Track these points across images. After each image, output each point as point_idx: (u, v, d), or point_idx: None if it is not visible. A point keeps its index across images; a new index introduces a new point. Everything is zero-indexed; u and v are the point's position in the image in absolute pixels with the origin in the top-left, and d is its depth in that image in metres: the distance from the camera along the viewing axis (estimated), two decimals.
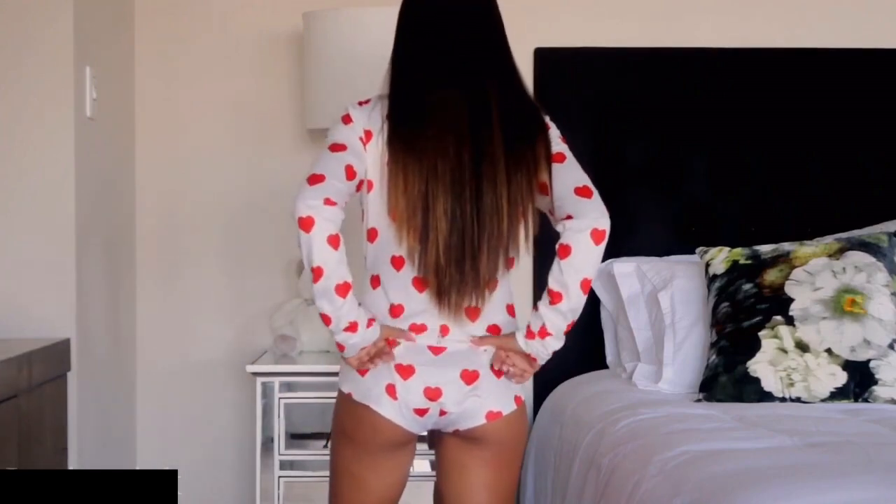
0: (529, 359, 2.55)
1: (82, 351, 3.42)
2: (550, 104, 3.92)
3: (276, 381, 3.60)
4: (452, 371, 2.52)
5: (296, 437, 3.65)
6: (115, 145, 3.83)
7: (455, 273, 2.46)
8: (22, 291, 3.34)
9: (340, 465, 2.63)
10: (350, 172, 2.47)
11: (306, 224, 2.37)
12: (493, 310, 2.54)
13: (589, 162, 3.94)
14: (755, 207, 3.99)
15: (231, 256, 4.04)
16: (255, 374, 3.61)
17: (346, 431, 2.59)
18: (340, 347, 2.50)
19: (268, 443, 3.61)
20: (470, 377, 2.53)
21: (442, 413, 2.53)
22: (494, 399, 2.55)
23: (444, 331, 2.52)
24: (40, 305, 3.34)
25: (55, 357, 3.22)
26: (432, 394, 2.51)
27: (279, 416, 3.60)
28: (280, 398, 3.60)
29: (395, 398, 2.51)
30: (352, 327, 2.47)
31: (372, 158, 2.51)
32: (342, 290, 2.43)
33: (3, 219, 3.34)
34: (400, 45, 2.58)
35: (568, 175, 2.52)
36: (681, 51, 4.01)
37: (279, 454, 3.60)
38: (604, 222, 2.46)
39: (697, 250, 3.68)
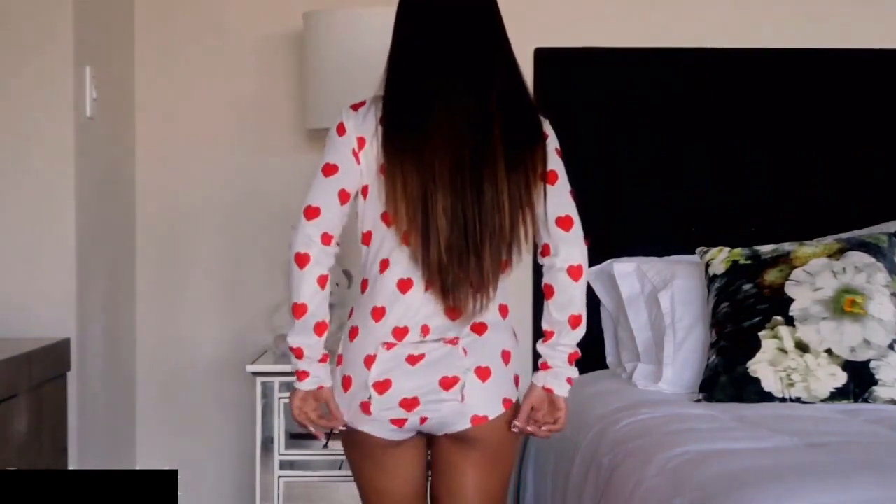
0: (552, 401, 2.60)
1: (82, 351, 3.42)
2: (550, 104, 3.93)
3: (276, 380, 3.60)
4: (430, 378, 2.51)
5: (296, 437, 3.65)
6: (115, 145, 3.83)
7: (458, 271, 2.46)
8: (22, 291, 3.34)
9: (352, 468, 2.67)
10: (343, 197, 2.51)
11: (302, 260, 2.47)
12: (483, 311, 2.53)
13: (589, 162, 3.97)
14: (755, 207, 3.99)
15: (231, 256, 4.04)
16: (255, 373, 3.61)
17: (346, 439, 2.64)
18: (303, 376, 2.55)
19: (268, 443, 3.61)
20: (448, 383, 2.51)
21: (422, 420, 2.53)
22: (480, 404, 2.53)
23: (424, 331, 2.51)
24: (40, 305, 3.34)
25: (55, 357, 3.22)
26: (408, 404, 2.51)
27: (279, 416, 3.60)
28: (280, 398, 3.60)
29: (370, 414, 2.52)
30: (324, 359, 2.55)
31: (367, 163, 2.52)
32: (319, 329, 2.51)
33: (4, 218, 3.34)
34: (396, 44, 2.56)
35: (553, 201, 2.53)
36: (681, 51, 4.01)
37: (279, 454, 3.60)
38: (577, 256, 2.52)
39: (697, 250, 3.68)
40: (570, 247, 2.51)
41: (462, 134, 2.46)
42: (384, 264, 2.51)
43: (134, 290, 4.01)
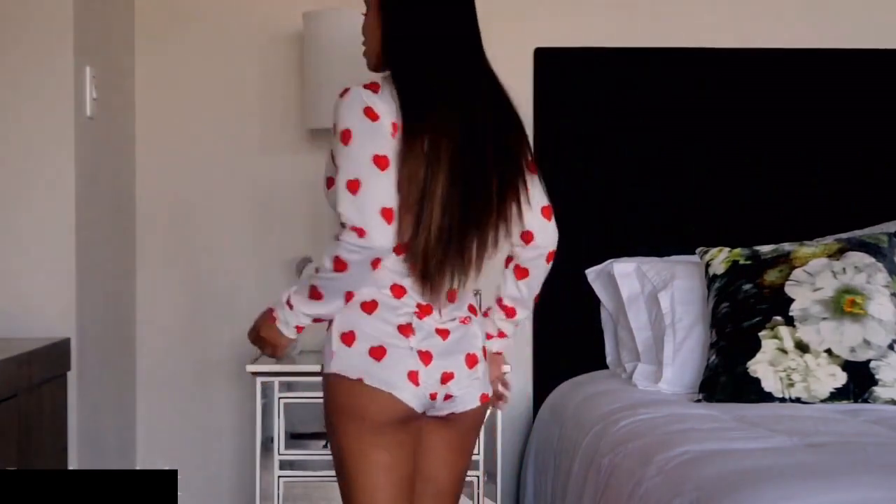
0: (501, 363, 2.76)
1: (82, 351, 3.42)
2: (550, 104, 3.95)
3: (276, 380, 3.60)
4: (459, 355, 2.55)
5: (295, 437, 3.65)
6: (115, 145, 3.83)
7: (442, 256, 2.48)
8: (22, 291, 3.34)
9: (348, 449, 2.53)
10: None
11: (341, 266, 2.45)
12: (468, 293, 2.59)
13: (589, 162, 3.97)
14: (755, 207, 3.99)
15: (231, 256, 4.04)
16: (255, 373, 3.61)
17: (352, 412, 2.50)
18: (282, 332, 2.66)
19: (267, 443, 3.61)
20: (472, 361, 2.56)
21: (447, 397, 2.54)
22: (485, 382, 2.60)
23: (441, 312, 2.54)
24: (40, 305, 3.34)
25: (55, 357, 3.22)
26: (446, 378, 2.53)
27: (279, 416, 3.59)
28: (280, 398, 3.59)
29: (418, 384, 2.50)
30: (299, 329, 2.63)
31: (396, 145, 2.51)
32: (318, 319, 2.59)
33: (4, 218, 3.34)
34: (394, 25, 2.57)
35: (538, 191, 2.61)
36: (681, 51, 4.01)
37: (279, 454, 3.60)
38: (554, 243, 2.65)
39: (697, 250, 3.68)
40: (552, 237, 2.64)
41: (462, 123, 2.49)
42: (399, 247, 2.50)
43: (134, 289, 4.01)
